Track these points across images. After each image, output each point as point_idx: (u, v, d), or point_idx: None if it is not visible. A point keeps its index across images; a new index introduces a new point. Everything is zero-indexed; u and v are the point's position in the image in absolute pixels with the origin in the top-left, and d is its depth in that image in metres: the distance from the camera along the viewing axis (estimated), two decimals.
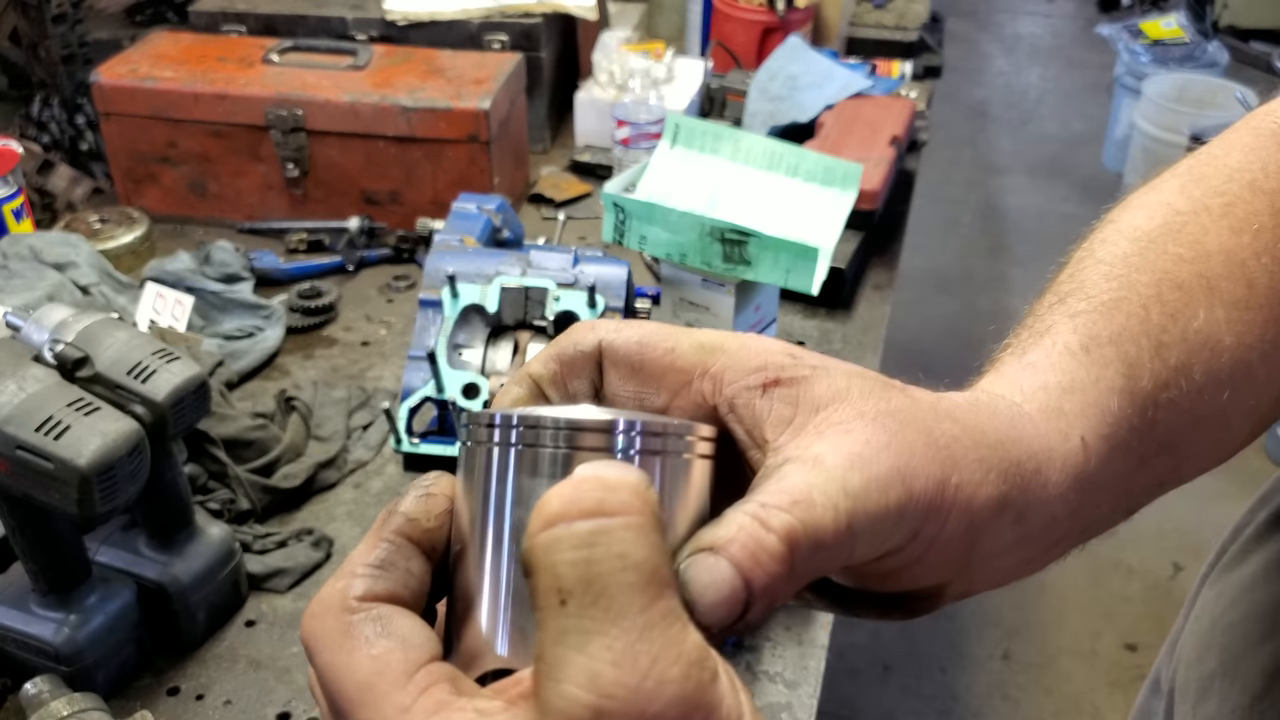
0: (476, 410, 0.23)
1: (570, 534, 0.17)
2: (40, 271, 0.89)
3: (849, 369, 0.24)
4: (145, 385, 0.58)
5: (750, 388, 0.23)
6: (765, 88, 1.21)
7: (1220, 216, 0.30)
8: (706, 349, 0.24)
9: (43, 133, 1.24)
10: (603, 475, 0.18)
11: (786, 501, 0.21)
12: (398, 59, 1.12)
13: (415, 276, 1.03)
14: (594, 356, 0.24)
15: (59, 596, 0.60)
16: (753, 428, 0.23)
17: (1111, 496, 0.27)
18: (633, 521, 0.18)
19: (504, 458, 0.21)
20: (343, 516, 0.77)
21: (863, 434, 0.22)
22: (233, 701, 0.63)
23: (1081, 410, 0.26)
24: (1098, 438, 0.26)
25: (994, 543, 0.24)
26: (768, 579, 0.20)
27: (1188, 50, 2.79)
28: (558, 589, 0.17)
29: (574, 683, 0.17)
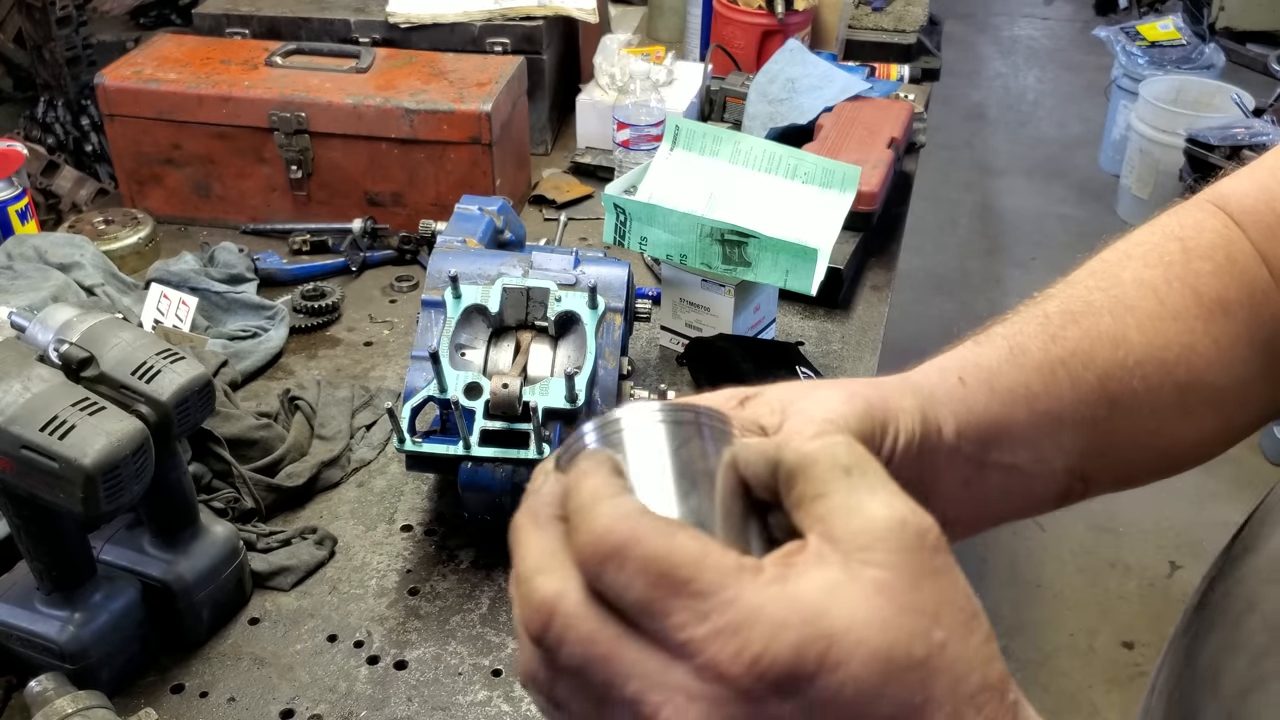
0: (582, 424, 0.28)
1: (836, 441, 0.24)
2: (45, 272, 0.89)
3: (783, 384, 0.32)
4: (150, 385, 0.59)
5: (734, 407, 0.30)
6: (764, 90, 1.21)
7: (1138, 258, 0.38)
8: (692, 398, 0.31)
9: (47, 134, 1.24)
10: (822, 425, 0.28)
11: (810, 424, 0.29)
12: (400, 62, 1.12)
13: (418, 277, 1.04)
14: None
15: (64, 595, 0.61)
16: (751, 424, 0.30)
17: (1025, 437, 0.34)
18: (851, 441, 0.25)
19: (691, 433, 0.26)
20: (346, 515, 0.78)
21: (821, 393, 0.31)
22: (237, 699, 0.63)
23: (958, 366, 0.34)
24: (976, 381, 0.34)
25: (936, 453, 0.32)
26: None
27: (1184, 52, 2.80)
28: (842, 465, 0.24)
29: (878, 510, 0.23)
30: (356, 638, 0.68)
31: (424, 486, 0.80)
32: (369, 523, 0.77)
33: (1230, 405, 0.38)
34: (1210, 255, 0.38)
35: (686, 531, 0.22)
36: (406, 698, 0.64)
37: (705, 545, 0.22)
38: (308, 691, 0.64)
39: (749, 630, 0.21)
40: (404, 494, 0.79)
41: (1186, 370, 0.36)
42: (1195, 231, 0.39)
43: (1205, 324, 0.37)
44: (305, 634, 0.68)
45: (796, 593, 0.22)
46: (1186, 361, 0.36)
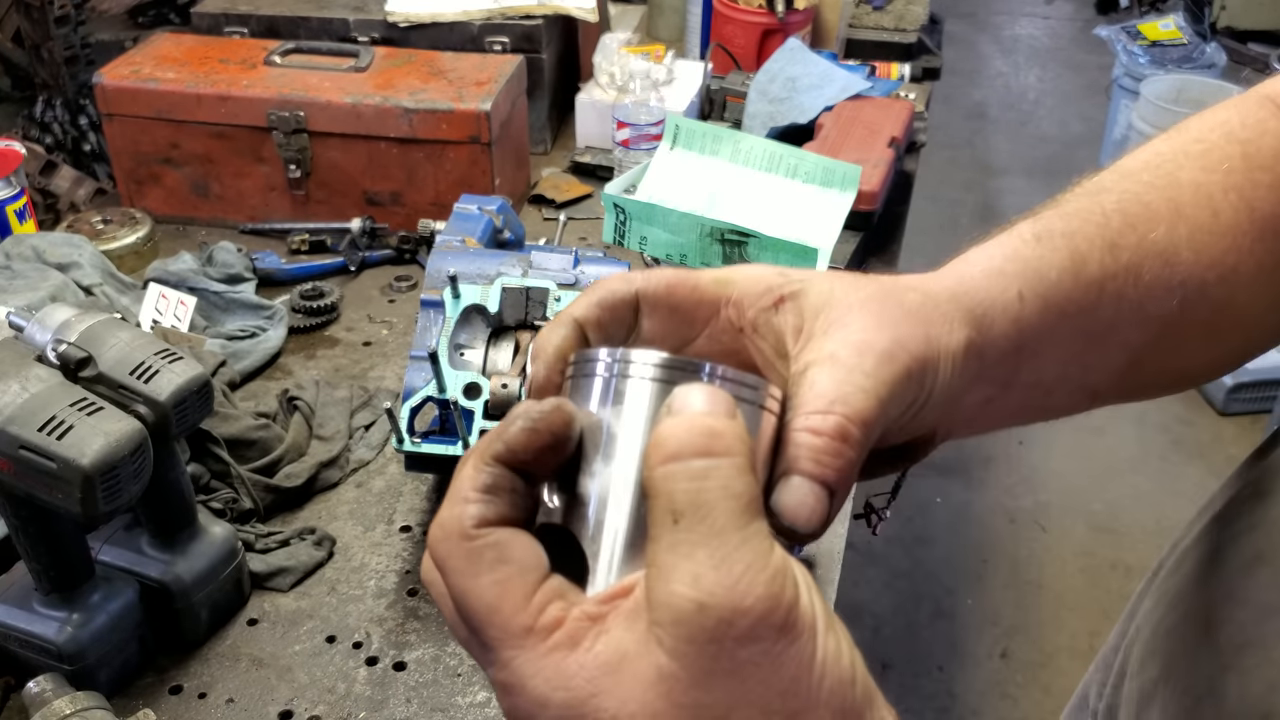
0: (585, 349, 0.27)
1: (685, 469, 0.21)
2: (43, 272, 0.89)
3: (826, 274, 0.29)
4: (148, 385, 0.59)
5: (765, 308, 0.28)
6: (765, 89, 1.21)
7: (1196, 158, 0.35)
8: (721, 282, 0.28)
9: (46, 134, 1.24)
10: (711, 424, 0.22)
11: (825, 404, 0.25)
12: (399, 61, 1.12)
13: (417, 277, 1.04)
14: (632, 303, 0.28)
15: (62, 595, 0.61)
16: (775, 342, 0.28)
17: (1061, 361, 0.32)
18: (735, 462, 0.22)
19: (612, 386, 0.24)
20: (345, 515, 0.77)
21: (857, 322, 0.27)
22: (235, 700, 0.63)
23: (1020, 273, 0.31)
24: (1034, 295, 0.31)
25: (962, 379, 0.29)
26: (837, 474, 0.25)
27: (1186, 52, 2.79)
28: (672, 510, 0.21)
29: (681, 583, 0.20)
30: (355, 639, 0.68)
31: (423, 487, 0.80)
32: (368, 523, 0.77)
33: (1256, 327, 0.36)
34: (1271, 166, 0.34)
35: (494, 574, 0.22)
36: (405, 699, 0.64)
37: (499, 598, 0.22)
38: (306, 693, 0.64)
39: (515, 697, 0.21)
40: (403, 494, 0.79)
41: (1225, 292, 0.34)
42: (1257, 134, 0.35)
43: (1253, 243, 0.34)
44: (304, 635, 0.68)
45: (574, 667, 0.21)
46: (1227, 283, 0.34)
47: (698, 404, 0.22)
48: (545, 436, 0.24)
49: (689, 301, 0.28)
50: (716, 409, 0.22)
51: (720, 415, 0.22)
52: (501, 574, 0.22)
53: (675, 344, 0.29)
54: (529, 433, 0.24)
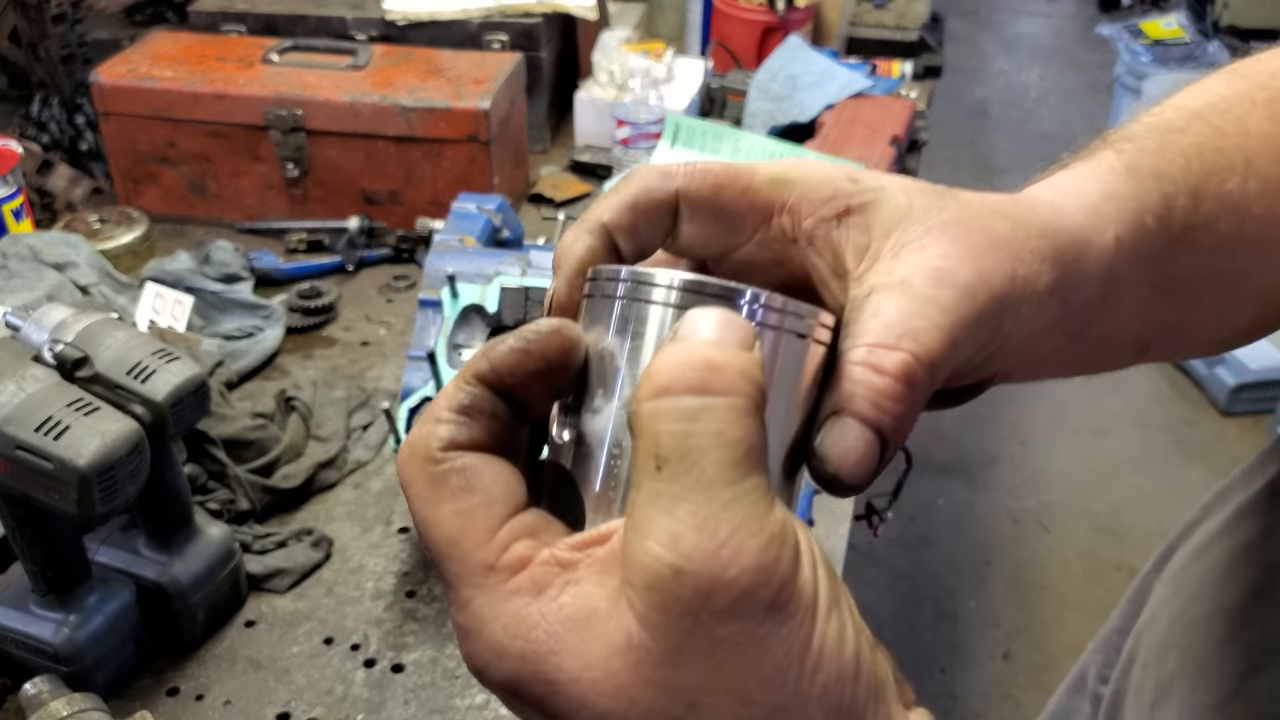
0: (603, 265, 0.23)
1: (674, 407, 0.18)
2: (40, 271, 0.88)
3: (903, 183, 0.25)
4: (145, 385, 0.58)
5: (825, 218, 0.24)
6: (765, 87, 1.21)
7: (1262, 106, 0.31)
8: (778, 183, 0.24)
9: (42, 132, 1.24)
10: (712, 356, 0.19)
11: (893, 337, 0.22)
12: (397, 59, 1.12)
13: (415, 276, 1.03)
14: (670, 205, 0.24)
15: (58, 597, 0.60)
16: (833, 260, 0.24)
17: (1130, 314, 0.28)
18: (734, 403, 0.18)
19: (627, 311, 0.21)
20: (342, 516, 0.77)
21: (936, 247, 0.23)
22: (232, 702, 0.63)
23: (1118, 214, 0.26)
24: (1130, 241, 0.26)
25: (1039, 325, 0.25)
26: (895, 421, 0.22)
27: (1188, 50, 2.79)
28: (656, 454, 0.18)
29: (658, 541, 0.17)
30: (353, 640, 0.67)
31: None
32: (366, 524, 0.76)
33: None
34: None
35: (456, 503, 0.20)
36: (404, 701, 0.63)
37: (460, 530, 0.19)
38: (304, 694, 0.63)
39: (472, 643, 0.19)
40: (401, 495, 0.79)
41: None
42: None
43: None
44: (301, 636, 0.67)
45: (536, 616, 0.18)
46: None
47: (704, 330, 0.19)
48: (536, 360, 0.21)
49: (738, 205, 0.24)
50: (727, 337, 0.19)
51: (729, 345, 0.19)
52: (465, 503, 0.20)
53: (717, 251, 0.25)
54: (518, 354, 0.21)
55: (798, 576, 0.18)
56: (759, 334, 0.20)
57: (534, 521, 0.20)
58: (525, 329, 0.21)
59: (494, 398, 0.21)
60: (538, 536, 0.20)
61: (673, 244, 0.25)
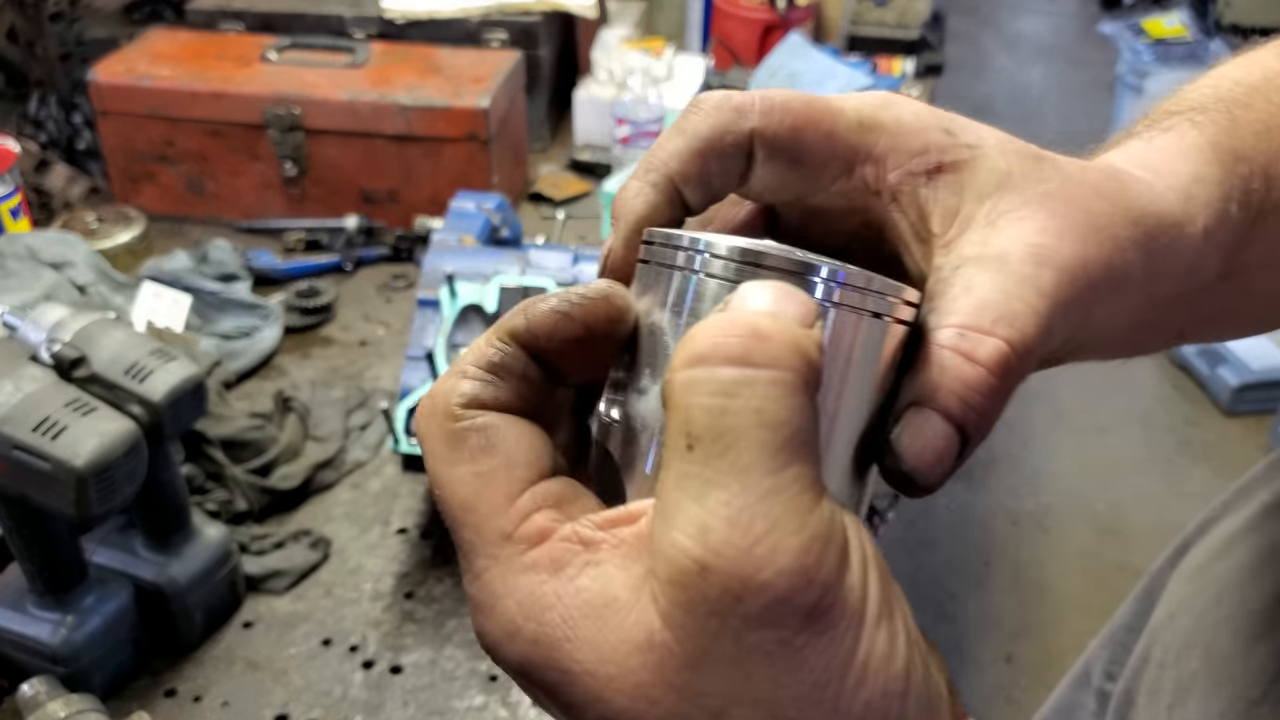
0: (661, 228, 0.21)
1: (710, 377, 0.16)
2: (37, 271, 0.88)
3: (1001, 142, 0.22)
4: (142, 385, 0.58)
5: (914, 174, 0.22)
6: (766, 85, 1.20)
7: None
8: (866, 127, 0.22)
9: (40, 131, 1.23)
10: (758, 323, 0.16)
11: (988, 320, 0.20)
12: (396, 57, 1.11)
13: (413, 276, 1.03)
14: (745, 146, 0.22)
15: (56, 597, 0.60)
16: (919, 220, 0.22)
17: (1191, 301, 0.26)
18: (779, 377, 0.16)
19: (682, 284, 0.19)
20: (340, 517, 0.77)
21: (1035, 221, 0.21)
22: (230, 703, 0.63)
23: (1207, 201, 0.24)
24: (1216, 233, 0.24)
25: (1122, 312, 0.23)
26: (981, 417, 0.19)
27: (1190, 49, 2.78)
28: (687, 432, 0.16)
29: (685, 532, 0.16)
30: (351, 642, 0.67)
31: (419, 488, 0.79)
32: (364, 525, 0.76)
33: None
34: None
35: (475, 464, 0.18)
36: (402, 702, 0.63)
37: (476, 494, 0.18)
38: (302, 696, 0.63)
39: (484, 618, 0.18)
40: (399, 496, 0.79)
41: None
42: None
43: None
44: (299, 638, 0.67)
45: (552, 596, 0.17)
46: None
47: (757, 301, 0.17)
48: (578, 326, 0.19)
49: (819, 150, 0.22)
50: (783, 309, 0.17)
51: (783, 316, 0.16)
52: (484, 465, 0.18)
53: (789, 197, 0.22)
54: (558, 316, 0.19)
55: (843, 581, 0.16)
56: (827, 312, 0.18)
57: (559, 490, 0.19)
58: (571, 290, 0.20)
59: (526, 358, 0.19)
60: (562, 508, 0.18)
61: (742, 187, 0.22)
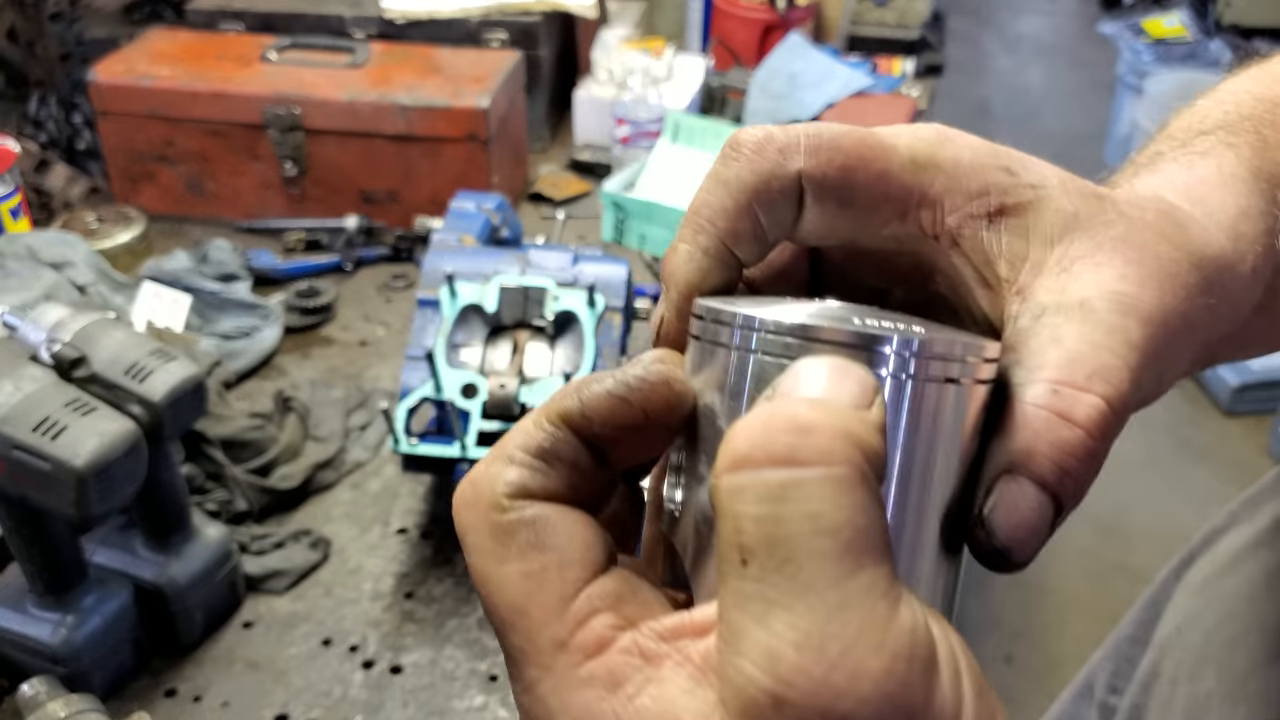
0: (710, 303, 0.19)
1: (757, 483, 0.15)
2: (37, 271, 0.88)
3: (1063, 181, 0.21)
4: (142, 385, 0.58)
5: (975, 216, 0.20)
6: (766, 85, 1.20)
7: None
8: (921, 166, 0.20)
9: (39, 131, 1.23)
10: (801, 415, 0.15)
11: (1083, 375, 0.18)
12: (396, 57, 1.11)
13: (413, 276, 1.03)
14: (795, 191, 0.20)
15: (56, 597, 0.60)
16: (983, 265, 0.20)
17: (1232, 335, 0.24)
18: (833, 474, 0.15)
19: (732, 363, 0.18)
20: (340, 517, 0.77)
21: (1113, 268, 0.20)
22: (230, 703, 0.63)
23: (1254, 238, 0.23)
24: (1263, 272, 0.23)
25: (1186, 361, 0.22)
26: (1079, 485, 0.18)
27: (1190, 49, 2.78)
28: (740, 544, 0.15)
29: (752, 660, 0.14)
30: (351, 642, 0.67)
31: (419, 488, 0.79)
32: (364, 525, 0.76)
33: None
34: None
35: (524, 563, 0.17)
36: (402, 702, 0.63)
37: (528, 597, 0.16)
38: (302, 696, 0.63)
39: None
40: (399, 496, 0.79)
41: None
42: None
43: None
44: (299, 638, 0.67)
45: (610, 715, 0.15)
46: None
47: (807, 384, 0.15)
48: (636, 413, 0.18)
49: (871, 192, 0.20)
50: (835, 392, 0.15)
51: (833, 401, 0.15)
52: (534, 563, 0.17)
53: (840, 240, 0.21)
54: (616, 400, 0.18)
55: (932, 701, 0.14)
56: (896, 385, 0.17)
57: (616, 588, 0.17)
58: (629, 371, 0.18)
59: (579, 444, 0.18)
60: (619, 609, 0.17)
61: (797, 231, 0.21)
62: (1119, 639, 0.47)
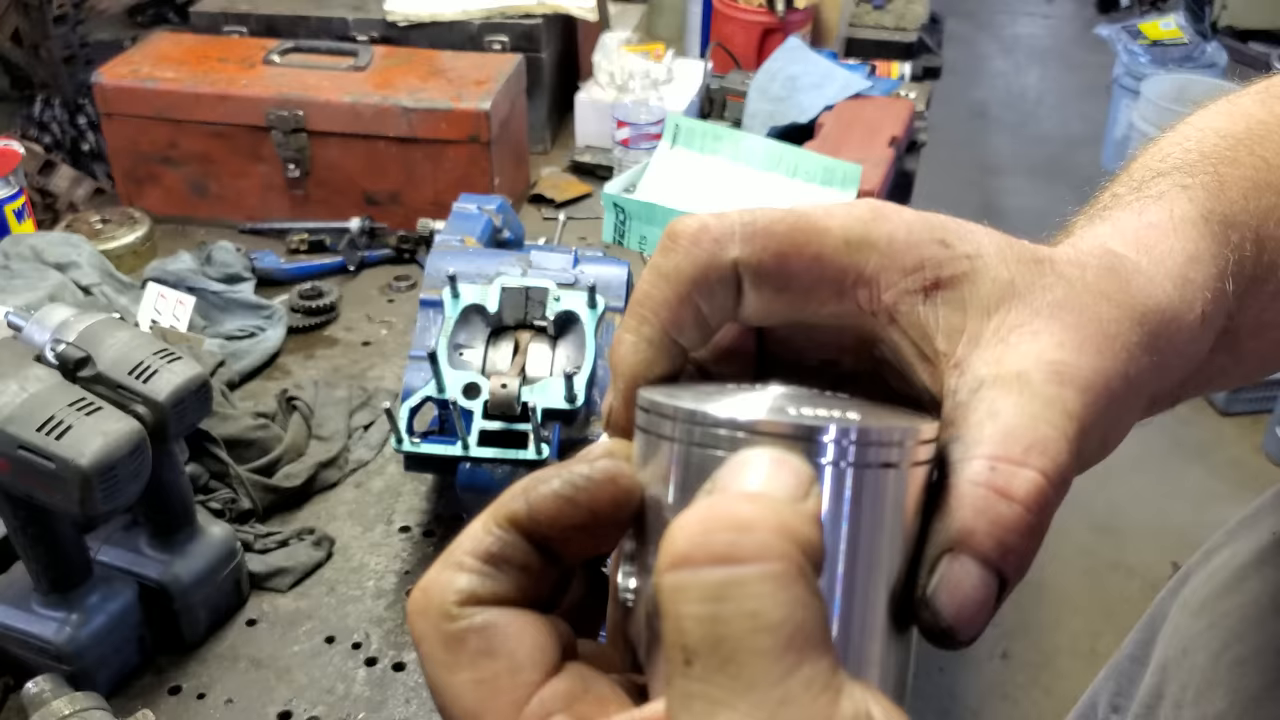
0: (653, 395, 0.19)
1: (696, 583, 0.15)
2: (42, 272, 0.89)
3: (1000, 248, 0.21)
4: (147, 385, 0.59)
5: (911, 292, 0.20)
6: (765, 88, 1.21)
7: None
8: (855, 246, 0.21)
9: (44, 133, 1.24)
10: (739, 513, 0.15)
11: (1019, 450, 0.18)
12: (398, 60, 1.12)
13: (416, 277, 1.04)
14: (731, 278, 0.21)
15: (61, 596, 0.60)
16: (920, 339, 0.21)
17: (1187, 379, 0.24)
18: (770, 571, 0.15)
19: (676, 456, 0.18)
20: (344, 516, 0.77)
21: (1050, 336, 0.20)
22: (234, 700, 0.63)
23: (1204, 283, 0.23)
24: (1212, 315, 0.23)
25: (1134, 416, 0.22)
26: (1021, 560, 0.18)
27: (1186, 51, 2.79)
28: (682, 645, 0.15)
29: None
30: (354, 639, 0.67)
31: (422, 487, 0.80)
32: (367, 524, 0.77)
33: None
34: None
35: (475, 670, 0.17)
36: (405, 699, 0.64)
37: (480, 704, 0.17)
38: (305, 693, 0.64)
39: None
40: (402, 495, 0.79)
41: None
42: None
43: None
44: (303, 635, 0.68)
45: None
46: None
47: (744, 478, 0.16)
48: (583, 513, 0.18)
49: (807, 275, 0.21)
50: (773, 485, 0.16)
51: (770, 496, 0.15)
52: (486, 671, 0.17)
53: (781, 321, 0.21)
54: (563, 502, 0.18)
55: None
56: (836, 473, 0.17)
57: (569, 688, 0.17)
58: (575, 470, 0.18)
59: (528, 546, 0.18)
60: (573, 709, 0.17)
61: (739, 313, 0.21)
62: (1120, 658, 0.46)
